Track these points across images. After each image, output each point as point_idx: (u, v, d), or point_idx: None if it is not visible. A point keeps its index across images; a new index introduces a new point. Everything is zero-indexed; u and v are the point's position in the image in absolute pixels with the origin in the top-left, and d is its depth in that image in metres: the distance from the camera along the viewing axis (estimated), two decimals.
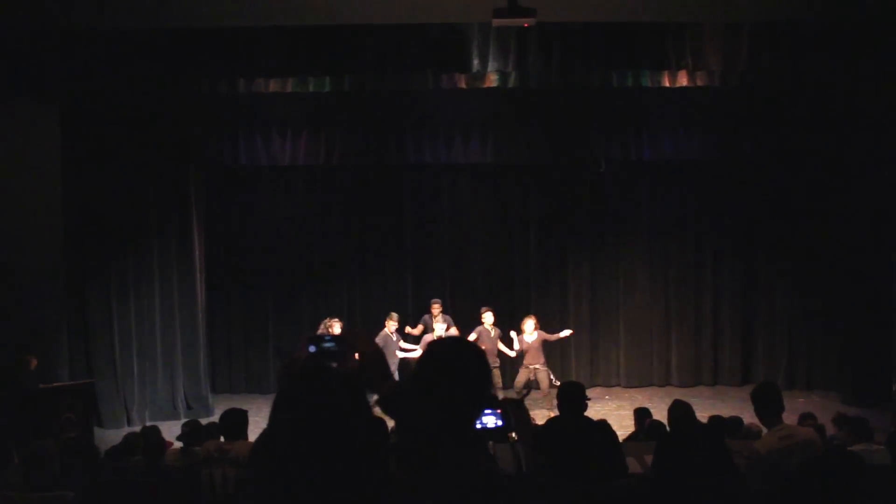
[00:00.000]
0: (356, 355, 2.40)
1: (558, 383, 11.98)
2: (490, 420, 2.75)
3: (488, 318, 13.12)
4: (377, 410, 2.55)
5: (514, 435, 2.89)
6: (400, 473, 2.23)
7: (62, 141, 12.16)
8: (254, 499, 2.04)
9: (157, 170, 13.15)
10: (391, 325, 13.15)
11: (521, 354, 13.04)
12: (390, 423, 2.59)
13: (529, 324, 12.98)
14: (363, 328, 13.80)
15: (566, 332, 13.27)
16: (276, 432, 2.04)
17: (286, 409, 2.06)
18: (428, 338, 12.77)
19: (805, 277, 14.55)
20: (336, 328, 12.72)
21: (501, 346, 13.14)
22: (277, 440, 2.03)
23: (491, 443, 4.29)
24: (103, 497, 6.10)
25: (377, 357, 2.46)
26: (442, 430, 2.41)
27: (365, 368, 2.34)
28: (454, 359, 2.51)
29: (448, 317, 13.55)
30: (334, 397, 2.06)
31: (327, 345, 2.43)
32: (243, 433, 7.24)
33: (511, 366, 13.49)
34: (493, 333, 13.07)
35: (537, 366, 12.85)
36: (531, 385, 12.95)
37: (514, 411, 2.86)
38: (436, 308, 13.53)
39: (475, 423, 2.66)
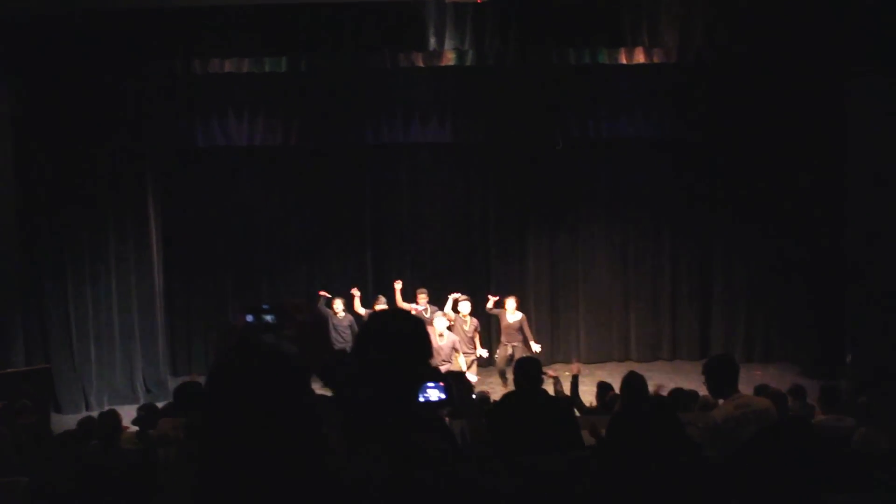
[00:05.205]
0: (295, 325, 2.38)
1: None
2: (433, 393, 2.77)
3: (465, 307, 12.76)
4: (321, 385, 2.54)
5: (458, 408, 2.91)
6: (340, 446, 2.24)
7: (14, 123, 12.02)
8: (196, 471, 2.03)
9: (112, 152, 13.00)
10: (422, 300, 13.07)
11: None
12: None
13: (511, 303, 12.96)
14: (303, 299, 13.79)
15: (537, 348, 12.74)
16: (212, 407, 2.03)
17: (222, 382, 2.05)
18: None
19: (761, 252, 14.70)
20: (381, 304, 12.70)
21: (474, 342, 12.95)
22: (212, 416, 2.02)
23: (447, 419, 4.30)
24: (58, 482, 6.05)
25: (317, 327, 2.45)
26: (382, 403, 2.42)
27: (302, 339, 2.32)
28: (392, 330, 2.53)
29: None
30: (271, 372, 2.05)
31: (265, 315, 2.41)
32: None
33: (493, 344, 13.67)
34: (468, 325, 12.73)
35: (516, 343, 12.85)
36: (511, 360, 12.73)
37: (457, 384, 2.87)
38: (422, 297, 13.20)
39: (418, 397, 2.68)
